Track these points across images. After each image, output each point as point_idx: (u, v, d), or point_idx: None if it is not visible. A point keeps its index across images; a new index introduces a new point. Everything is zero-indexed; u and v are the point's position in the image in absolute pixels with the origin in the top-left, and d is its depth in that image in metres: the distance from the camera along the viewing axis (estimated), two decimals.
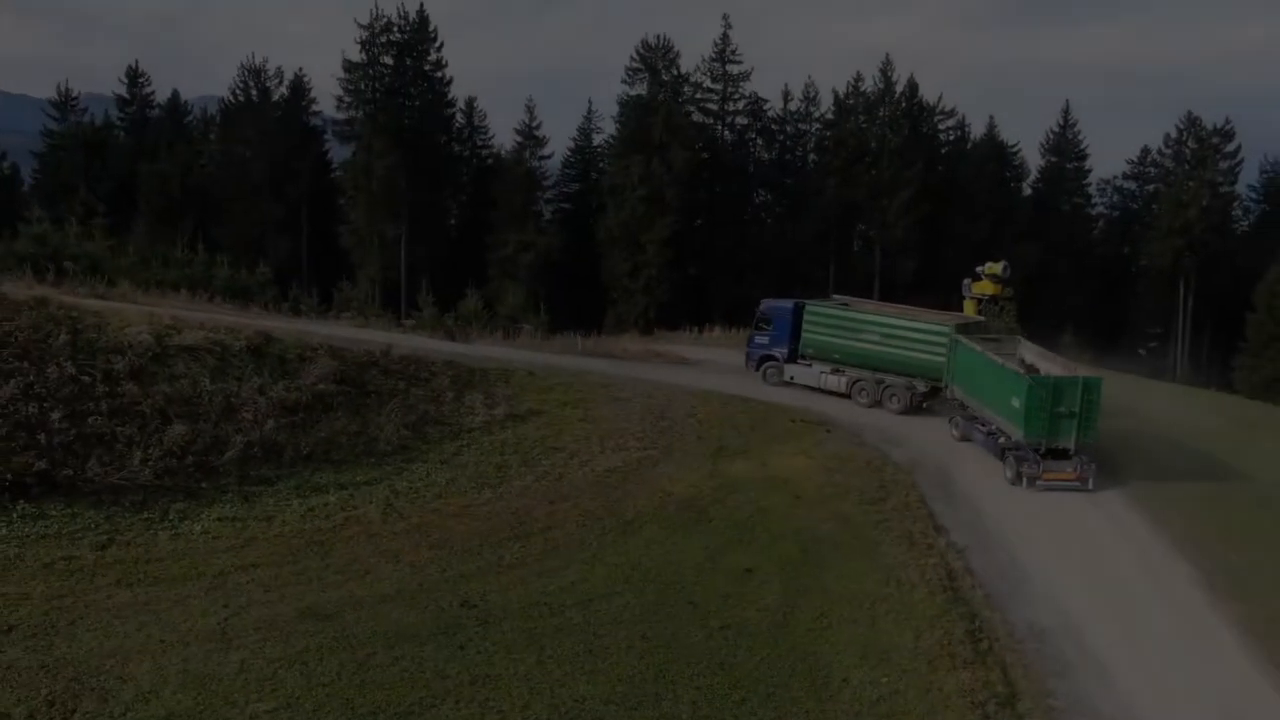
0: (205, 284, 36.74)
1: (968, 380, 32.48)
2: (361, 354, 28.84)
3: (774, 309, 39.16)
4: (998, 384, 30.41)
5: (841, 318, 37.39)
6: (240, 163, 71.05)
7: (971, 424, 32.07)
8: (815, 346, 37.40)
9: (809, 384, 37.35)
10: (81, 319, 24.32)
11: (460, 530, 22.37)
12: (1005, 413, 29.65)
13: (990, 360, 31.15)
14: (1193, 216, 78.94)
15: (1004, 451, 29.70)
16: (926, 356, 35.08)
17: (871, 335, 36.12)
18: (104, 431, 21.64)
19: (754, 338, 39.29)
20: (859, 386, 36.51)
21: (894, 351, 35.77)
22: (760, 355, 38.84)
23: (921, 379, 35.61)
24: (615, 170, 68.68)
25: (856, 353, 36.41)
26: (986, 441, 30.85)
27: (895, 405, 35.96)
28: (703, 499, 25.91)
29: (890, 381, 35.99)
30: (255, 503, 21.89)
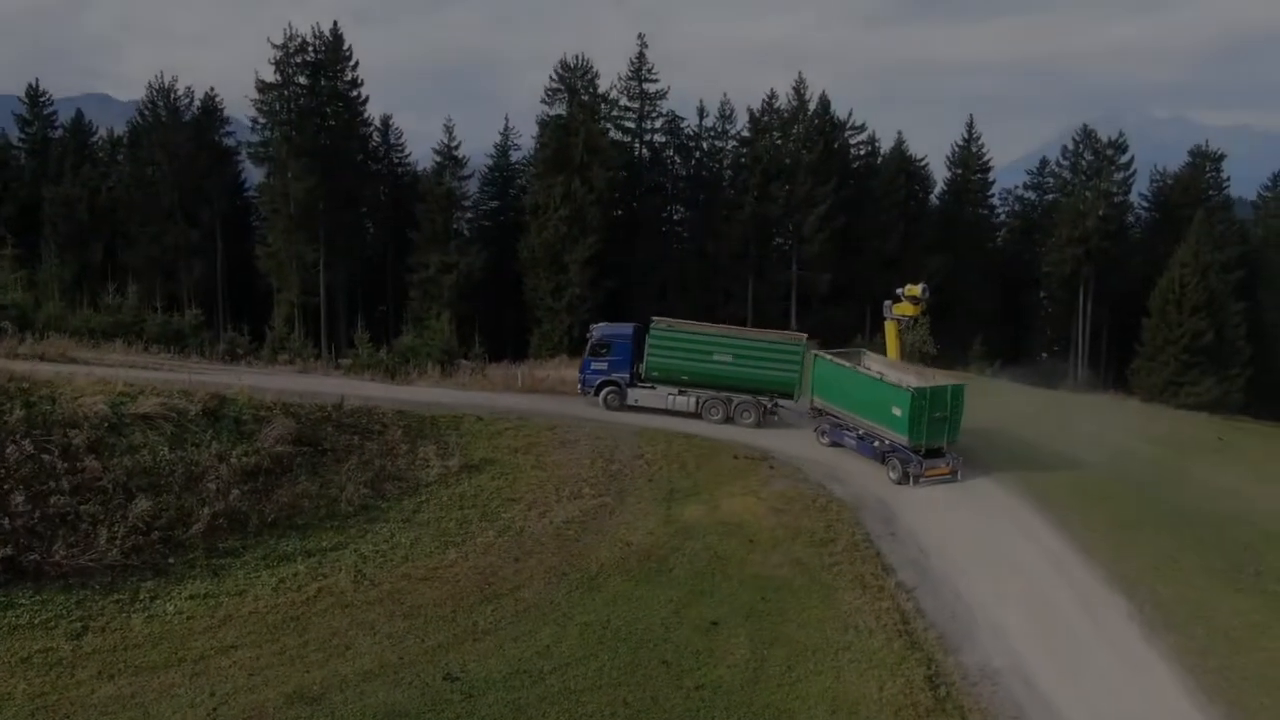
0: (138, 331, 35.99)
1: (832, 392, 35.64)
2: (314, 409, 28.75)
3: (612, 334, 39.03)
4: (874, 395, 33.82)
5: (690, 340, 37.96)
6: (150, 185, 69.14)
7: (839, 431, 35.31)
8: (661, 369, 37.72)
9: (654, 406, 37.71)
10: (34, 390, 23.87)
11: (431, 595, 22.67)
12: (886, 420, 33.08)
13: (863, 374, 35.26)
14: (1090, 226, 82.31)
15: (885, 455, 33.25)
16: (778, 373, 37.34)
17: (724, 356, 37.22)
18: (67, 511, 21.39)
19: (590, 364, 38.59)
20: (709, 405, 37.46)
21: (746, 370, 37.24)
22: (600, 381, 38.26)
23: (770, 394, 37.55)
24: (537, 190, 68.76)
25: (706, 373, 37.31)
26: (860, 446, 34.32)
27: (748, 420, 37.45)
28: (661, 548, 26.58)
29: (740, 399, 37.42)
30: (225, 577, 21.86)
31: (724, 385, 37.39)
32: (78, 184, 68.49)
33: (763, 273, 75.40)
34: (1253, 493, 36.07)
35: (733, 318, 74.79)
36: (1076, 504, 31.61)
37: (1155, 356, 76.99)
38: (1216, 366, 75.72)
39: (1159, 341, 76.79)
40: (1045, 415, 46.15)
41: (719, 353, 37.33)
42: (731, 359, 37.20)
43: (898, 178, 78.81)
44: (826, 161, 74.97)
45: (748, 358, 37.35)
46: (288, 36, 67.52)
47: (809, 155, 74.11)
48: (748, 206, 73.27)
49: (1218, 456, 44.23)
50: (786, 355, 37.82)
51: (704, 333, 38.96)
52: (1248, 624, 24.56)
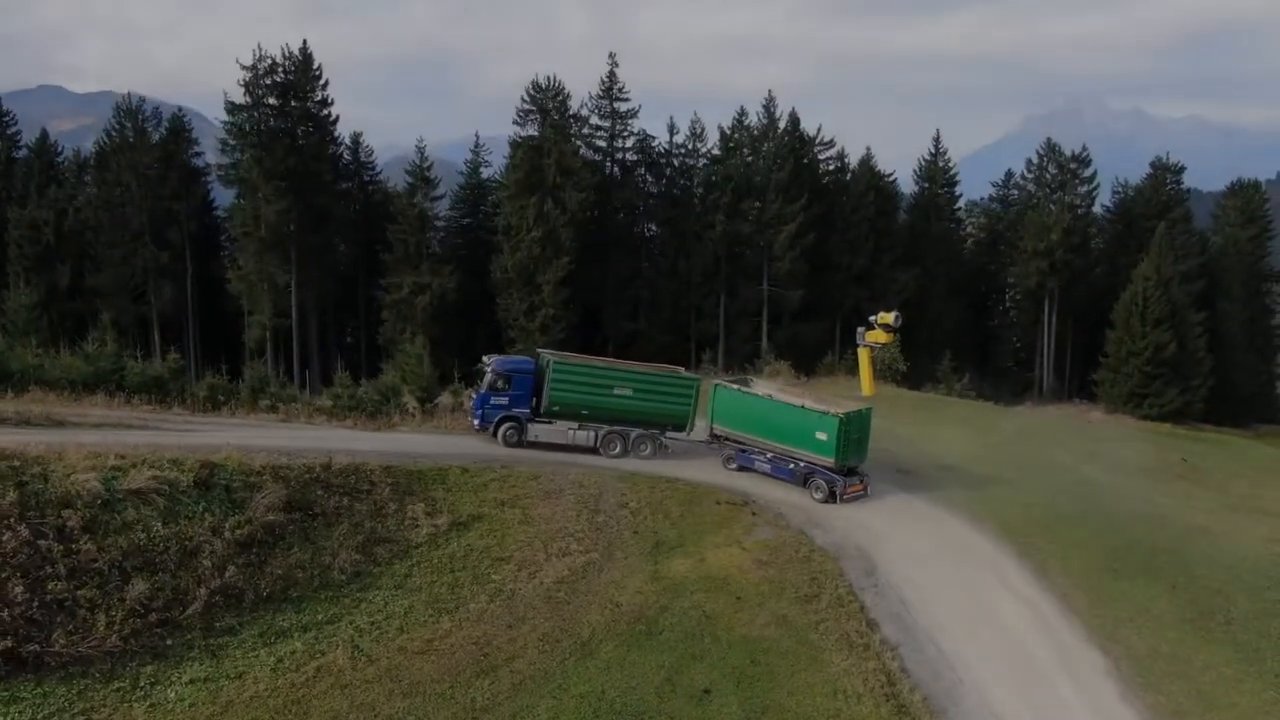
0: (118, 381, 35.83)
1: (739, 420, 37.44)
2: (303, 470, 28.83)
3: (513, 368, 38.19)
4: (797, 421, 36.05)
5: (593, 374, 38.30)
6: (118, 206, 68.48)
7: (747, 456, 37.28)
8: (563, 403, 37.47)
9: (554, 441, 37.52)
10: (25, 468, 23.84)
11: (428, 670, 22.91)
12: (810, 445, 35.50)
13: (785, 403, 37.35)
14: (1055, 240, 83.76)
15: (806, 478, 35.73)
16: (675, 406, 38.07)
17: (624, 389, 37.58)
18: (65, 597, 21.44)
19: (488, 398, 37.48)
20: (608, 440, 37.68)
21: (646, 403, 37.76)
22: (500, 416, 37.38)
23: (665, 427, 38.31)
24: (510, 212, 68.89)
25: (607, 407, 37.49)
26: (775, 470, 36.61)
27: (644, 452, 38.04)
28: (650, 609, 26.96)
29: (636, 432, 37.93)
30: (223, 658, 21.98)
31: (623, 419, 37.74)
32: (44, 206, 67.66)
33: (734, 290, 76.08)
34: (1222, 527, 37.05)
35: (705, 334, 75.72)
36: (1053, 548, 32.39)
37: (1119, 369, 78.40)
38: (1178, 378, 77.30)
39: (1122, 354, 78.22)
40: (1018, 444, 47.08)
41: (619, 386, 37.68)
42: (631, 392, 37.63)
43: (867, 194, 79.68)
44: (797, 179, 75.70)
45: (647, 391, 37.92)
46: (257, 58, 67.19)
47: (779, 174, 74.77)
48: (719, 225, 73.84)
49: (1185, 484, 45.26)
50: (682, 389, 38.59)
51: (606, 367, 39.65)
52: (1220, 678, 25.39)
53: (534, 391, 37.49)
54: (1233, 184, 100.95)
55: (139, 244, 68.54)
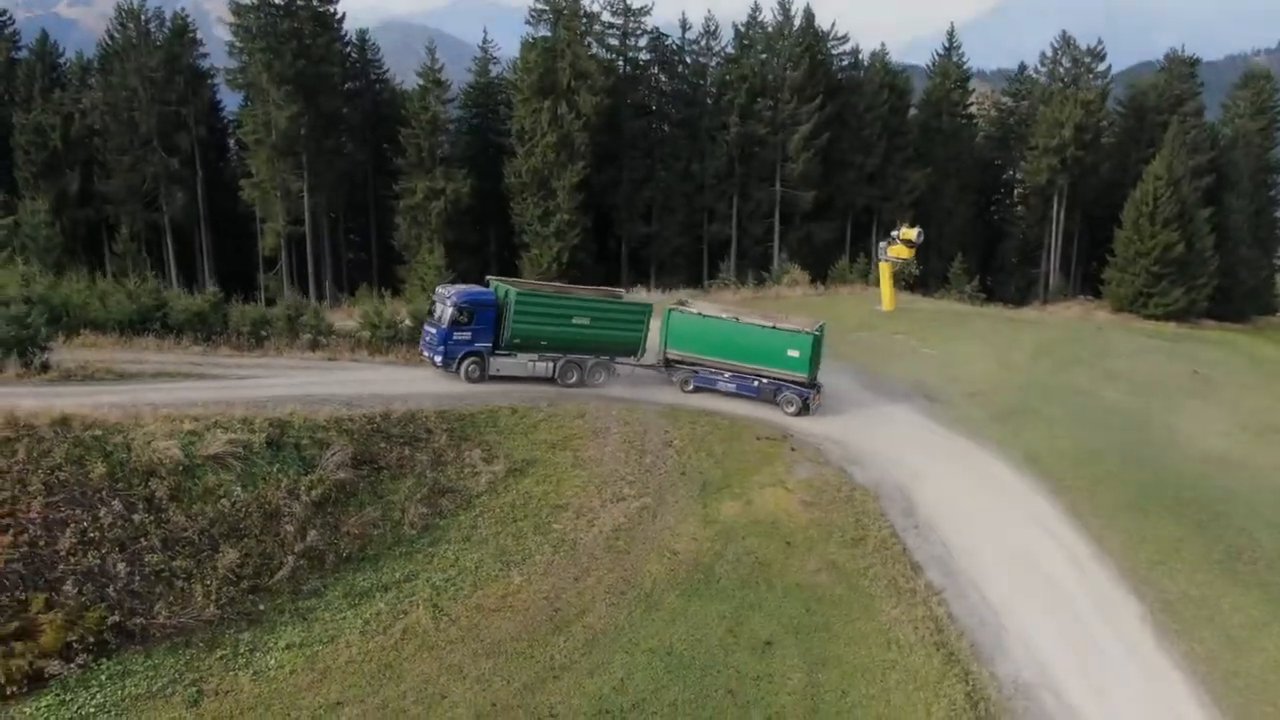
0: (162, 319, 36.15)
1: (697, 344, 38.82)
2: (364, 422, 29.50)
3: (475, 300, 36.53)
4: (766, 342, 38.16)
5: (552, 304, 38.02)
6: (125, 111, 67.23)
7: (705, 378, 39.03)
8: (525, 335, 36.95)
9: (514, 374, 37.24)
10: (107, 437, 24.45)
11: (506, 629, 24.07)
12: (780, 363, 38.01)
13: (753, 325, 38.84)
14: (1067, 136, 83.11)
15: (776, 394, 38.17)
16: (628, 333, 38.65)
17: (582, 319, 37.63)
18: (162, 569, 22.31)
19: (450, 334, 35.88)
20: (566, 369, 37.87)
21: (602, 332, 38.05)
22: (464, 352, 36.25)
23: (617, 353, 38.92)
24: (523, 115, 67.95)
25: (565, 337, 37.48)
26: (740, 388, 38.71)
27: (598, 380, 38.63)
28: (705, 555, 28.15)
29: (592, 361, 38.37)
30: (313, 622, 23.02)
31: (580, 348, 37.88)
32: (49, 110, 66.45)
33: (746, 191, 75.75)
34: (1240, 454, 38.21)
35: (716, 237, 75.74)
36: (1083, 484, 33.60)
37: (1127, 268, 79.07)
38: (1184, 277, 78.07)
39: (1130, 254, 78.75)
40: (1038, 365, 47.91)
41: (578, 316, 37.68)
42: (589, 321, 37.72)
43: (880, 91, 78.69)
44: (811, 79, 74.65)
45: (603, 320, 38.20)
46: None
47: (794, 73, 73.68)
48: (733, 126, 73.13)
49: (1199, 402, 46.25)
50: (636, 316, 39.09)
51: (565, 296, 39.72)
52: (1248, 622, 26.80)
53: (495, 324, 36.57)
54: (1245, 74, 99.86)
55: (148, 149, 67.65)
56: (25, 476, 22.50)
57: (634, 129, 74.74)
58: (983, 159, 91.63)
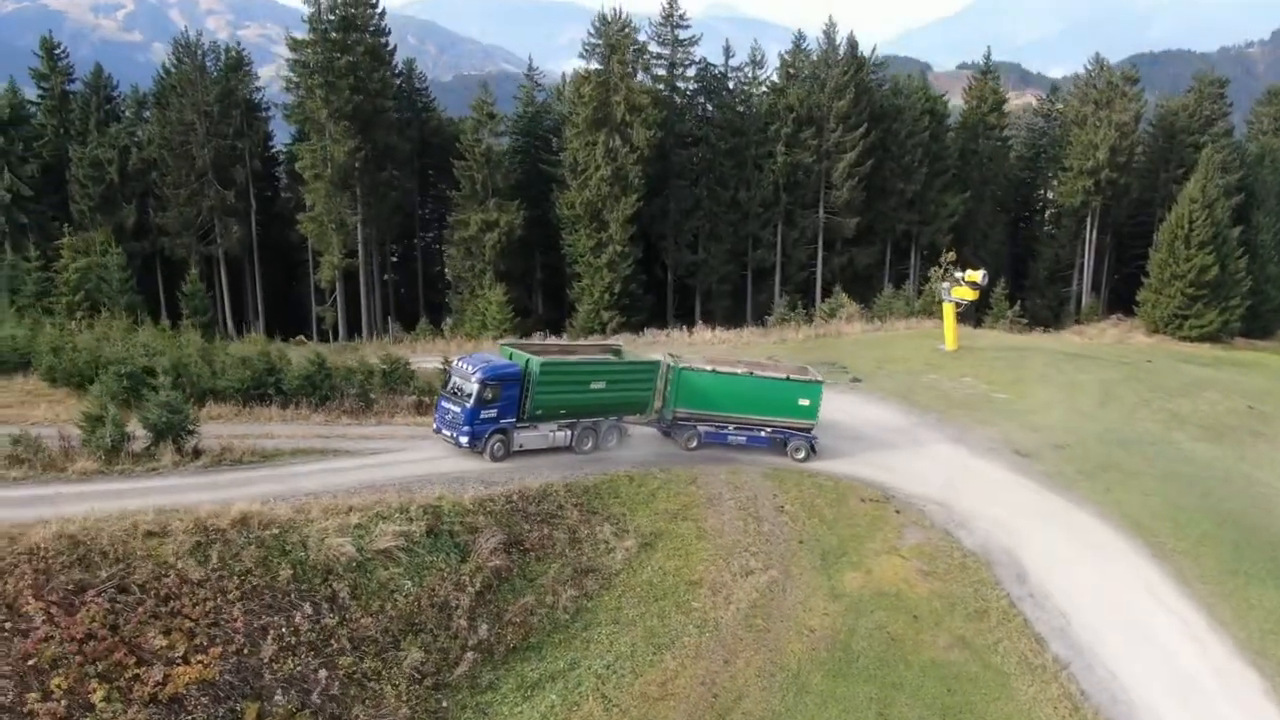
0: (275, 385, 36.92)
1: (710, 400, 38.29)
2: (503, 502, 30.37)
3: (501, 374, 34.06)
4: (779, 394, 38.58)
5: (572, 371, 36.37)
6: (182, 145, 67.75)
7: (717, 434, 38.86)
8: (548, 406, 35.05)
9: (536, 447, 35.23)
10: (284, 537, 25.29)
11: (673, 718, 25.05)
12: (792, 412, 38.78)
13: (748, 377, 38.94)
14: (1101, 159, 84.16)
15: (786, 442, 39.06)
16: (640, 393, 37.78)
17: (599, 383, 36.33)
18: (354, 671, 23.21)
19: (478, 412, 33.34)
20: (583, 436, 36.41)
21: (616, 394, 36.87)
22: (490, 430, 33.85)
23: (627, 413, 37.86)
24: (579, 148, 68.66)
25: (583, 403, 36.07)
26: (751, 441, 39.02)
27: (612, 443, 37.38)
28: (840, 632, 29.11)
29: (606, 424, 37.08)
30: (494, 717, 23.97)
31: (594, 412, 36.58)
32: (105, 144, 66.94)
33: (792, 219, 76.67)
34: None
35: (761, 264, 76.62)
36: (1183, 546, 34.53)
37: (1162, 290, 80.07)
38: (1218, 298, 79.12)
39: (1166, 276, 79.69)
40: (1107, 410, 48.84)
41: (595, 381, 36.30)
42: (605, 385, 36.47)
43: (922, 118, 79.57)
44: (856, 107, 75.55)
45: (618, 381, 37.06)
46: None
47: (839, 102, 74.53)
48: (779, 155, 73.97)
49: (1266, 445, 47.21)
50: (646, 375, 38.03)
51: (584, 362, 37.91)
52: None
53: (519, 397, 34.46)
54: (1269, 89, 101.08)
55: (204, 182, 68.20)
56: (223, 584, 23.34)
57: (682, 158, 75.52)
58: (1015, 179, 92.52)
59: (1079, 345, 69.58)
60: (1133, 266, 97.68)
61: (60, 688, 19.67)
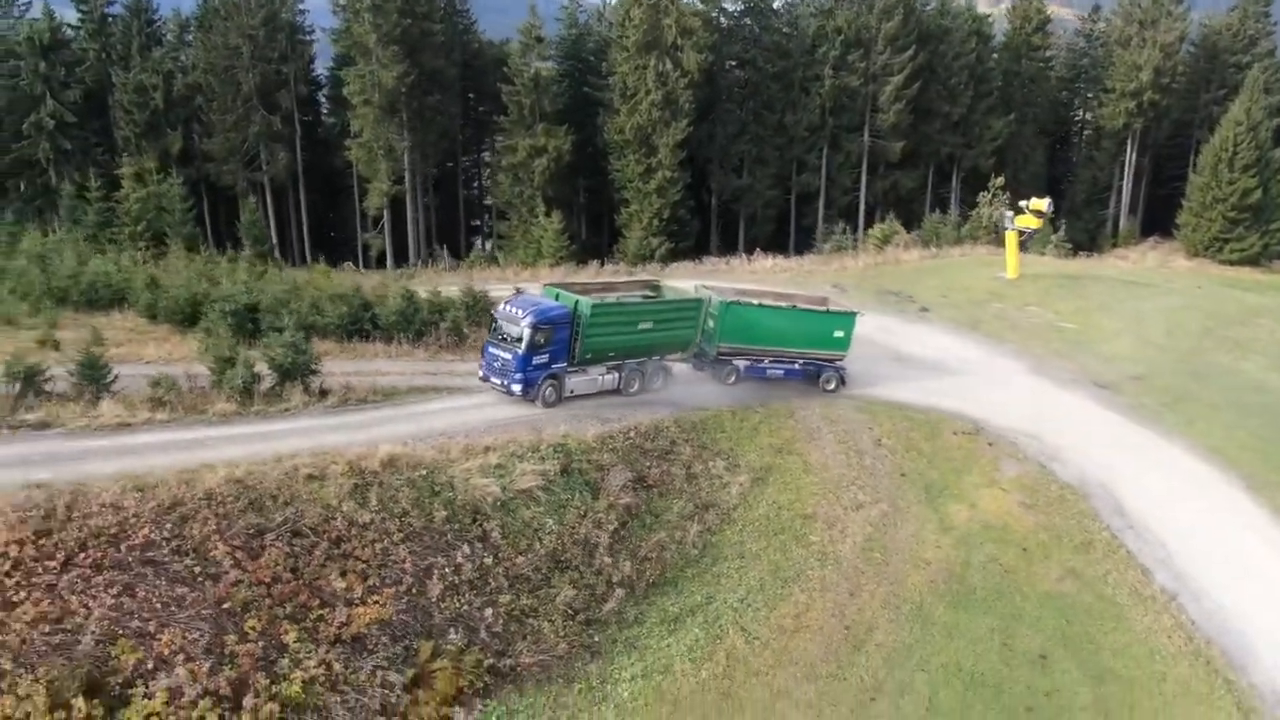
0: (372, 319, 37.19)
1: (752, 334, 37.37)
2: (622, 438, 30.89)
3: (553, 317, 32.48)
4: (816, 325, 38.46)
5: (622, 310, 34.82)
6: (227, 70, 66.82)
7: (756, 368, 38.08)
8: (596, 349, 33.65)
9: (586, 392, 34.15)
10: (432, 478, 25.81)
11: (811, 649, 25.86)
12: (828, 344, 38.61)
13: (789, 309, 38.72)
14: (1145, 80, 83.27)
15: (819, 374, 38.96)
16: (685, 331, 36.51)
17: (647, 323, 35.00)
18: (513, 608, 23.92)
19: (529, 358, 31.87)
20: (630, 377, 35.30)
21: (662, 333, 35.64)
22: (544, 376, 32.53)
23: (670, 352, 36.80)
24: (628, 73, 67.80)
25: (631, 344, 34.80)
26: (788, 374, 38.72)
27: (657, 384, 36.29)
28: (954, 565, 29.92)
29: (653, 365, 36.04)
30: (644, 651, 24.70)
31: (641, 353, 35.35)
32: (149, 69, 66.03)
33: (837, 143, 76.15)
34: None
35: (806, 188, 76.32)
36: (1273, 475, 35.22)
37: (1203, 214, 79.92)
38: (1259, 222, 79.05)
39: (1207, 199, 79.47)
40: (1174, 340, 49.16)
41: (643, 320, 34.94)
42: (652, 324, 35.13)
43: (968, 39, 78.56)
44: (904, 29, 74.57)
45: (664, 320, 35.72)
46: None
47: (888, 24, 73.52)
48: (827, 79, 73.23)
49: None
50: (691, 312, 36.67)
51: (633, 301, 36.42)
52: None
53: (569, 340, 32.96)
54: None
55: (249, 108, 67.46)
56: (386, 525, 23.92)
57: (729, 82, 74.71)
58: (1055, 100, 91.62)
59: (1127, 271, 69.72)
60: (1169, 188, 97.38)
61: (255, 630, 20.27)
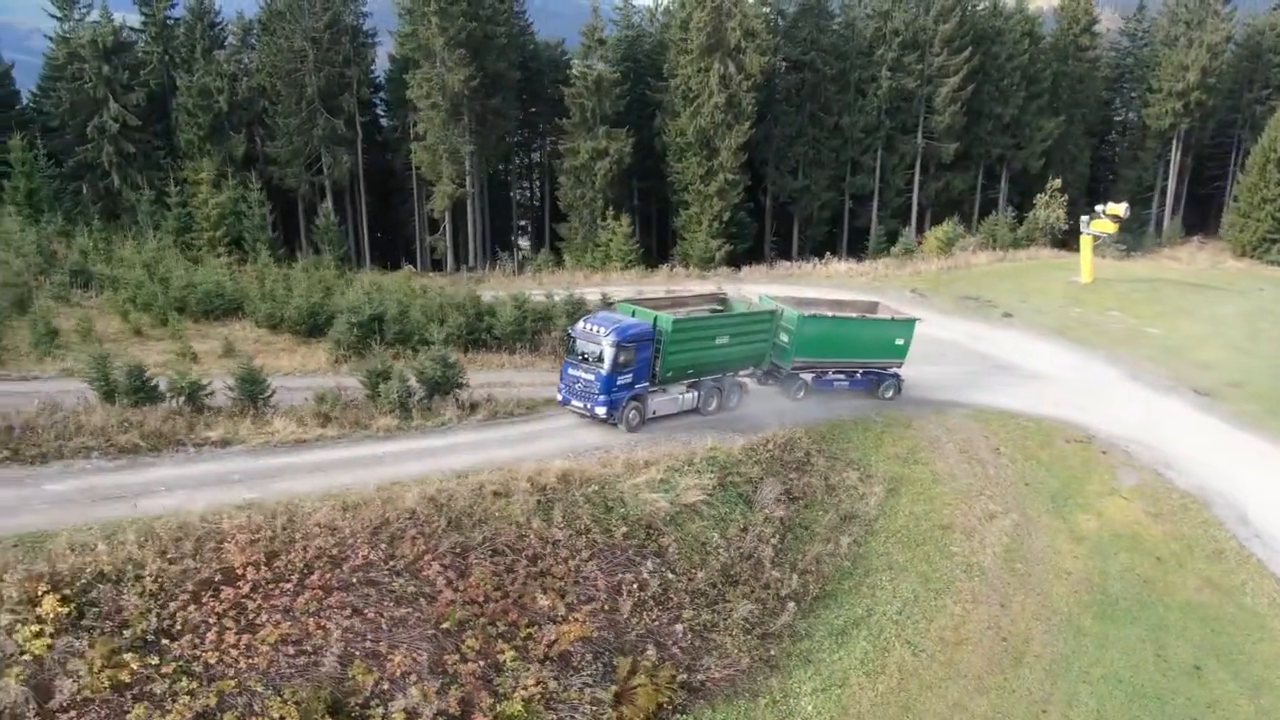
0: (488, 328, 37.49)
1: (825, 347, 36.85)
2: (761, 449, 31.20)
3: (635, 335, 30.88)
4: (881, 334, 38.12)
5: (701, 326, 33.61)
6: (291, 72, 66.90)
7: (823, 381, 37.51)
8: (677, 367, 32.41)
9: (667, 412, 32.92)
10: (604, 493, 26.14)
11: (976, 662, 26.26)
12: (889, 352, 38.30)
13: (858, 320, 38.33)
14: (1192, 80, 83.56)
15: (879, 384, 38.64)
16: (759, 344, 35.23)
17: (723, 338, 33.76)
18: (695, 623, 24.28)
19: (614, 379, 30.41)
20: (709, 395, 34.05)
21: (738, 348, 34.39)
22: (628, 397, 31.14)
23: (743, 368, 35.53)
24: (690, 74, 67.97)
25: (711, 360, 33.58)
26: (853, 385, 38.27)
27: (734, 402, 35.11)
28: (1092, 574, 30.34)
29: (729, 381, 34.88)
30: (818, 664, 25.07)
31: (716, 369, 34.08)
32: (212, 71, 66.14)
33: (892, 144, 76.42)
34: None
35: (861, 189, 76.61)
36: None
37: (1250, 214, 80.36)
38: None
39: (1255, 200, 79.90)
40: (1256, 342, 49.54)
41: (720, 335, 33.69)
42: (729, 339, 33.88)
43: (1021, 40, 78.80)
44: (960, 30, 74.83)
45: (740, 334, 34.40)
46: None
47: (945, 26, 73.76)
48: (884, 80, 73.51)
49: None
50: (765, 324, 35.37)
51: (712, 317, 35.29)
52: None
53: (651, 358, 31.54)
54: None
55: (313, 111, 67.58)
56: (574, 542, 24.26)
57: (787, 84, 74.89)
58: (1099, 99, 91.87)
59: (1187, 273, 70.06)
60: (1210, 188, 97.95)
61: (473, 649, 20.63)
